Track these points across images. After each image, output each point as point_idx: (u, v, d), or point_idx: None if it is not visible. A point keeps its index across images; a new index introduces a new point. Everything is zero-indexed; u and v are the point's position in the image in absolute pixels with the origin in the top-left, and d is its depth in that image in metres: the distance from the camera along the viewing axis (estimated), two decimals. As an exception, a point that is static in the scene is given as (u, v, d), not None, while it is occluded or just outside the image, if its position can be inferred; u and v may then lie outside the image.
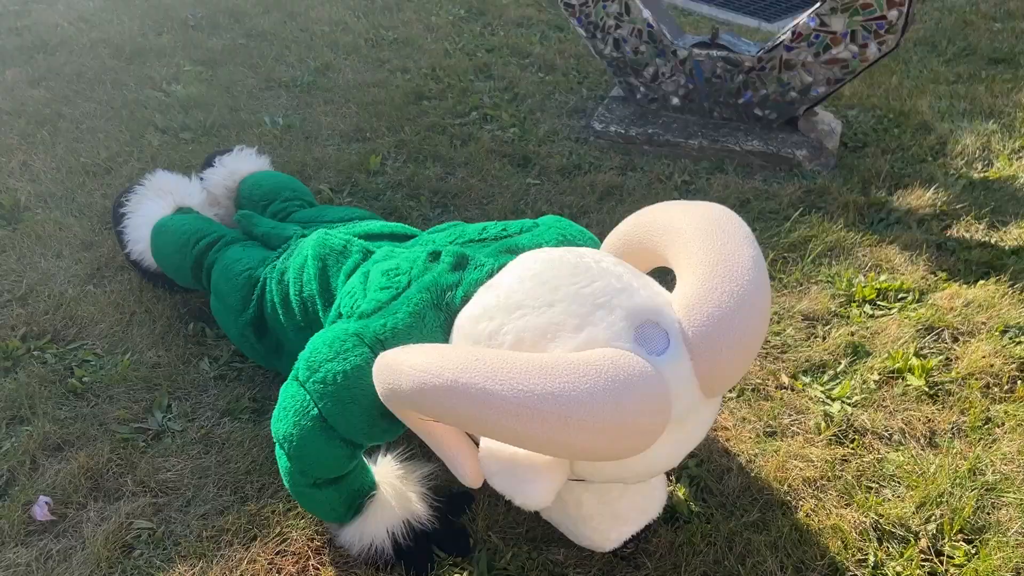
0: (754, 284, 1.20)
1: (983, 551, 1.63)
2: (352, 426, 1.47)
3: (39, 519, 1.76)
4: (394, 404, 1.29)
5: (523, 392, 1.10)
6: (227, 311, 2.05)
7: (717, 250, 1.23)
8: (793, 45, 2.87)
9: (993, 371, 2.05)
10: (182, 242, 2.19)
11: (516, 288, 1.32)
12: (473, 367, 1.14)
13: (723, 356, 1.18)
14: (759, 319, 1.20)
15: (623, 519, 1.57)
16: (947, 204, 2.69)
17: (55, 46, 3.99)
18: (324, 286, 1.78)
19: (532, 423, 1.10)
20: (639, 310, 1.23)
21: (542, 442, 1.12)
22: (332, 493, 1.57)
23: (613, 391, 1.10)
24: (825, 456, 1.85)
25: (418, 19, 4.32)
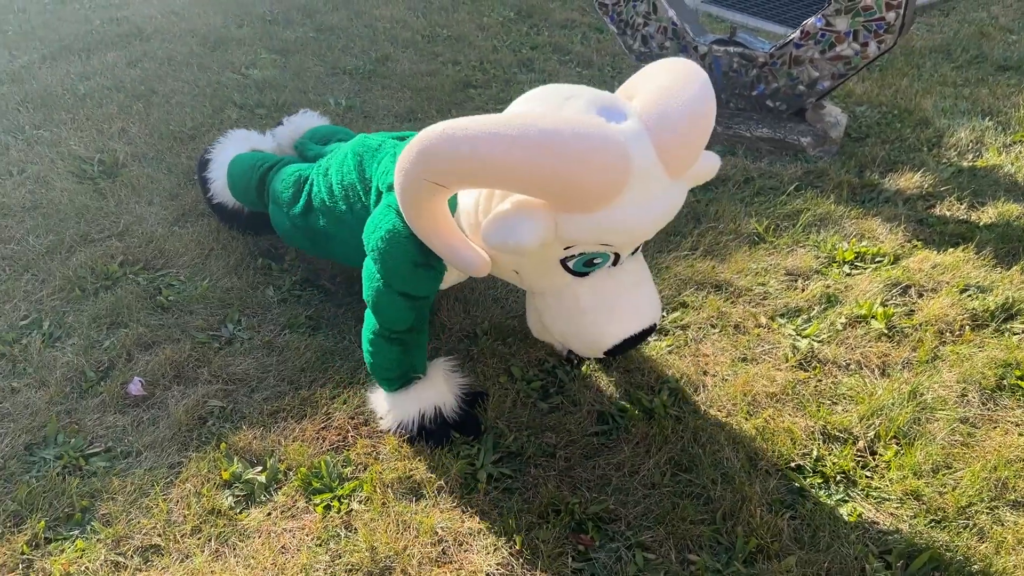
0: (696, 85, 1.52)
1: (909, 451, 1.93)
2: (398, 275, 1.82)
3: (134, 394, 2.17)
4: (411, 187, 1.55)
5: (512, 127, 1.41)
6: (281, 210, 2.40)
7: (669, 72, 1.57)
8: (802, 43, 3.18)
9: (948, 319, 2.33)
10: (249, 166, 2.58)
11: (511, 107, 1.65)
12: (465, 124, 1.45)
13: (673, 129, 1.49)
14: (702, 108, 1.52)
15: (619, 316, 1.73)
16: (933, 187, 2.97)
17: (150, 34, 4.50)
18: (361, 175, 2.11)
19: (518, 148, 1.40)
20: (602, 98, 1.55)
21: (527, 169, 1.41)
22: (398, 351, 1.93)
23: (580, 129, 1.42)
24: (788, 378, 2.16)
25: (471, 19, 4.73)
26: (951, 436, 1.97)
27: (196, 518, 1.82)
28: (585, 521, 1.80)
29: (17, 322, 2.41)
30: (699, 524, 1.78)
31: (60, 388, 2.17)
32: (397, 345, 1.93)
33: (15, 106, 3.67)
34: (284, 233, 2.45)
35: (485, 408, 2.09)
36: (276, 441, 2.02)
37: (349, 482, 1.90)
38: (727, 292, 2.49)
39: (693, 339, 2.32)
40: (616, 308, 1.73)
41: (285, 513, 1.84)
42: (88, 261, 2.64)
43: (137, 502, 1.86)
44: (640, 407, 2.08)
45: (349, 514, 1.83)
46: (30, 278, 2.58)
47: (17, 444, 2.01)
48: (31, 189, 3.04)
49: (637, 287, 1.77)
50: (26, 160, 3.24)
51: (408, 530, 1.78)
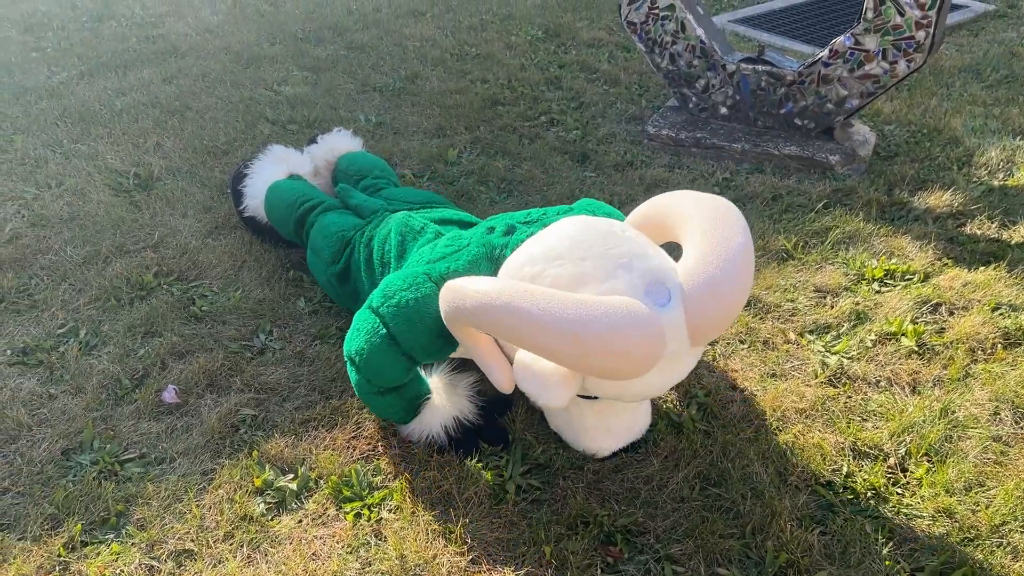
0: (740, 264, 1.59)
1: (941, 468, 1.92)
2: (415, 343, 1.85)
3: (168, 402, 2.20)
4: (453, 320, 1.68)
5: (557, 316, 1.49)
6: (320, 262, 2.48)
7: (716, 234, 1.61)
8: (830, 61, 3.19)
9: (979, 337, 2.32)
10: (290, 201, 2.64)
11: (557, 244, 1.70)
12: (522, 295, 1.53)
13: (708, 315, 1.57)
14: (740, 291, 1.59)
15: (614, 434, 1.96)
16: (963, 205, 2.96)
17: (184, 52, 4.60)
18: (400, 253, 2.18)
19: (559, 340, 1.49)
20: (651, 272, 1.61)
21: (565, 356, 1.51)
22: (394, 399, 1.95)
23: (622, 322, 1.49)
24: (817, 394, 2.16)
25: (499, 38, 4.78)
26: (983, 454, 1.96)
27: (228, 524, 1.84)
28: (614, 533, 1.80)
29: (55, 330, 2.45)
30: (728, 538, 1.78)
31: (96, 395, 2.21)
32: (391, 396, 1.93)
33: (54, 121, 3.75)
34: (319, 281, 2.54)
35: (513, 419, 2.10)
36: (307, 449, 2.04)
37: (379, 491, 1.92)
38: (756, 308, 2.49)
39: (722, 354, 2.32)
40: (612, 429, 1.96)
41: (316, 520, 1.86)
42: (124, 272, 2.69)
43: (171, 507, 1.89)
44: (669, 421, 2.08)
45: (379, 522, 1.84)
46: (67, 287, 2.63)
47: (54, 449, 2.05)
48: (69, 201, 3.11)
49: (635, 411, 1.99)
50: (64, 173, 3.31)
51: (437, 539, 1.80)
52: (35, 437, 2.08)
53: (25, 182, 3.24)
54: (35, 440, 2.07)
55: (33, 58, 4.54)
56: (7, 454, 2.04)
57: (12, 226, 2.95)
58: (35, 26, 5.02)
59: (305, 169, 2.86)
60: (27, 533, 1.83)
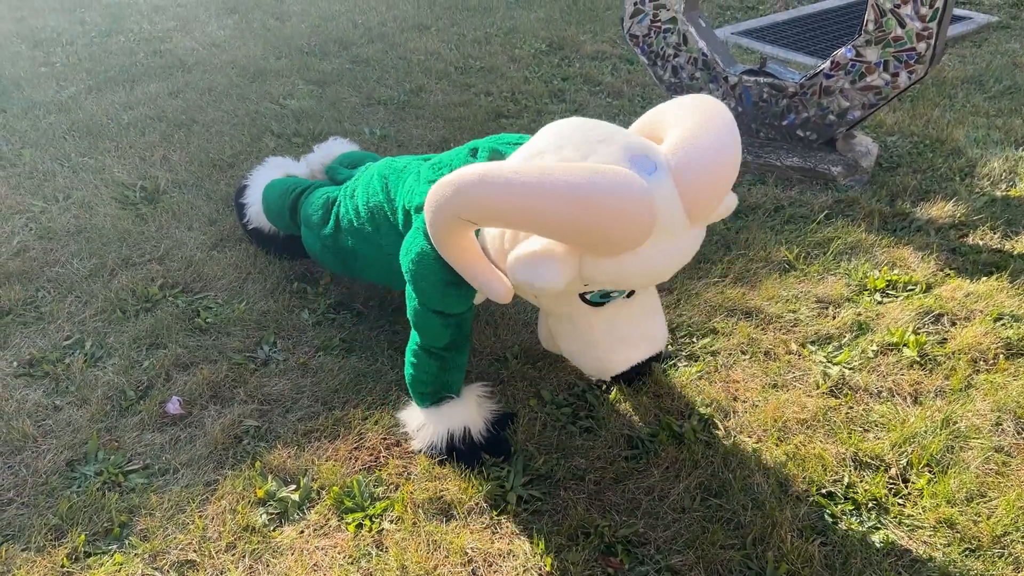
0: (723, 132, 1.56)
1: (943, 479, 1.91)
2: (430, 295, 1.88)
3: (172, 413, 2.22)
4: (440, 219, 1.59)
5: (542, 181, 1.45)
6: (311, 231, 2.47)
7: (697, 114, 1.59)
8: (832, 73, 3.21)
9: (981, 348, 2.31)
10: (283, 191, 2.66)
11: (538, 142, 1.68)
12: (503, 169, 1.49)
13: (698, 182, 1.54)
14: (728, 158, 1.56)
15: (628, 343, 1.85)
16: (966, 216, 2.96)
17: (191, 65, 4.64)
18: (388, 196, 2.17)
19: (548, 203, 1.45)
20: (633, 145, 1.58)
21: (555, 221, 1.46)
22: (435, 367, 1.98)
23: (611, 183, 1.45)
24: (819, 405, 2.16)
25: (503, 51, 4.81)
26: (985, 465, 1.95)
27: (231, 535, 1.85)
28: (615, 544, 1.80)
29: (61, 342, 2.47)
30: (729, 549, 1.78)
31: (101, 406, 2.23)
32: (436, 361, 1.97)
33: (62, 135, 3.79)
34: (315, 254, 2.53)
35: (515, 430, 2.11)
36: (309, 460, 2.05)
37: (381, 501, 1.92)
38: (757, 319, 2.49)
39: (723, 365, 2.32)
40: (626, 337, 1.85)
41: (318, 531, 1.86)
42: (129, 284, 2.71)
43: (174, 518, 1.90)
44: (670, 432, 2.09)
45: (380, 533, 1.85)
46: (74, 300, 2.66)
47: (59, 460, 2.06)
48: (76, 214, 3.14)
49: (647, 317, 1.89)
50: (71, 186, 3.34)
51: (438, 550, 1.80)
52: (40, 448, 2.10)
53: (33, 195, 3.27)
54: (40, 451, 2.09)
55: (42, 73, 4.58)
56: (12, 465, 2.06)
57: (20, 239, 2.98)
58: (44, 41, 5.08)
59: (301, 173, 2.88)
60: (31, 544, 1.84)
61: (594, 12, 5.49)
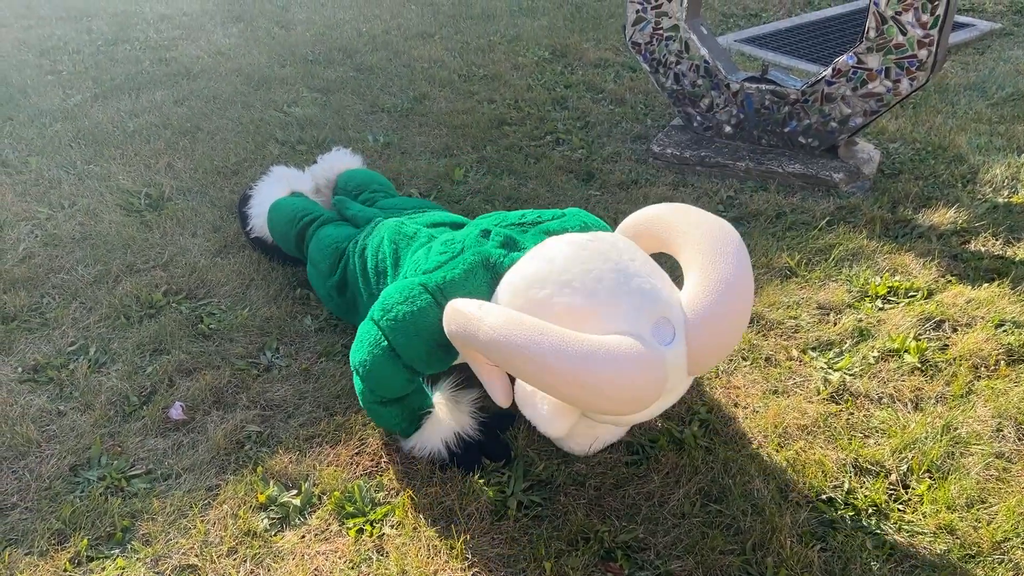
0: (741, 307, 1.63)
1: (943, 485, 1.91)
2: (415, 355, 1.87)
3: (174, 419, 2.23)
4: (462, 344, 1.70)
5: (565, 358, 1.51)
6: (318, 275, 2.52)
7: (717, 264, 1.64)
8: (834, 80, 3.22)
9: (982, 354, 2.31)
10: (290, 217, 2.68)
11: (567, 268, 1.69)
12: (537, 340, 1.54)
13: (709, 353, 1.62)
14: (739, 324, 1.64)
15: (599, 439, 2.03)
16: (968, 223, 2.96)
17: (196, 73, 4.67)
18: (395, 262, 2.21)
19: (567, 384, 1.52)
20: (659, 308, 1.63)
21: (571, 399, 1.55)
22: (396, 410, 1.97)
23: (629, 369, 1.52)
24: (819, 411, 2.16)
25: (506, 59, 4.84)
26: (986, 471, 1.95)
27: (232, 539, 1.86)
28: (615, 549, 1.81)
29: (65, 348, 2.49)
30: (728, 554, 1.78)
31: (104, 412, 2.24)
32: (395, 406, 1.97)
33: (68, 142, 3.82)
34: (318, 294, 2.59)
35: (515, 435, 2.11)
36: (311, 466, 2.06)
37: (381, 507, 1.93)
38: (758, 325, 2.50)
39: (724, 371, 2.33)
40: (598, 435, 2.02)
41: (319, 536, 1.87)
42: (133, 290, 2.73)
43: (176, 523, 1.91)
44: (670, 438, 2.09)
45: (381, 538, 1.86)
46: (78, 306, 2.67)
47: (63, 465, 2.07)
48: (81, 221, 3.16)
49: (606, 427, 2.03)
50: (77, 194, 3.36)
51: (439, 555, 1.81)
52: (44, 453, 2.11)
53: (39, 202, 3.30)
54: (44, 456, 2.10)
55: (48, 81, 4.62)
56: (16, 470, 2.07)
57: (25, 246, 3.00)
58: (51, 50, 5.11)
59: (306, 187, 2.91)
60: (34, 548, 1.85)
61: (597, 20, 5.51)
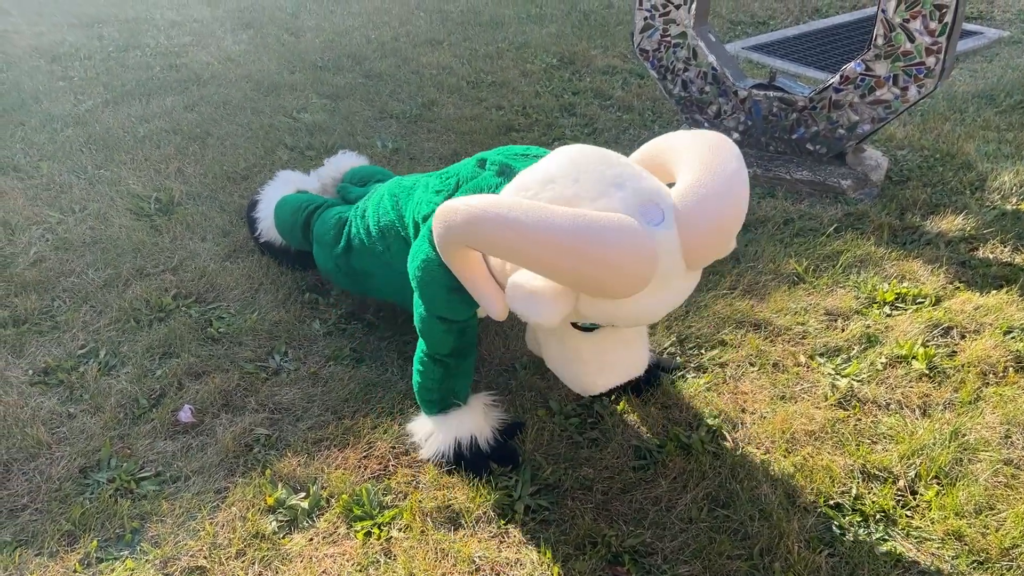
0: (733, 183, 1.58)
1: (951, 491, 1.91)
2: (438, 304, 1.91)
3: (184, 421, 2.24)
4: (445, 242, 1.64)
5: (549, 226, 1.47)
6: (324, 250, 2.52)
7: (709, 159, 1.60)
8: (841, 87, 3.22)
9: (991, 361, 2.31)
10: (295, 208, 2.70)
11: (551, 168, 1.67)
12: (513, 207, 1.51)
13: (701, 233, 1.57)
14: (734, 211, 1.58)
15: (611, 368, 1.88)
16: (976, 229, 2.96)
17: (206, 80, 4.70)
18: (398, 214, 2.20)
19: (554, 250, 1.47)
20: (645, 191, 1.59)
21: (556, 267, 1.49)
22: (441, 373, 2.00)
23: (615, 237, 1.47)
24: (827, 416, 2.16)
25: (515, 65, 4.85)
26: (994, 477, 1.95)
27: (241, 541, 1.87)
28: (622, 554, 1.81)
29: (75, 351, 2.51)
30: (736, 559, 1.78)
31: (114, 414, 2.25)
32: (440, 367, 1.99)
33: (79, 147, 3.84)
34: (326, 272, 2.57)
35: (523, 440, 2.12)
36: (319, 469, 2.06)
37: (389, 510, 1.94)
38: (766, 331, 2.50)
39: (732, 377, 2.33)
40: (610, 363, 1.86)
41: (326, 539, 1.88)
42: (143, 294, 2.75)
43: (185, 525, 1.92)
44: (678, 443, 2.09)
45: (388, 541, 1.86)
46: (88, 309, 2.69)
47: (73, 467, 2.08)
48: (92, 225, 3.18)
49: (632, 345, 1.90)
50: (88, 198, 3.38)
51: (446, 558, 1.81)
52: (54, 455, 2.13)
53: (50, 207, 3.32)
54: (54, 458, 2.12)
55: (60, 87, 4.65)
56: (27, 471, 2.08)
57: (36, 249, 3.02)
58: (63, 56, 5.15)
59: (312, 187, 2.93)
60: (44, 549, 1.87)
61: (605, 27, 5.53)
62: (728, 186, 1.57)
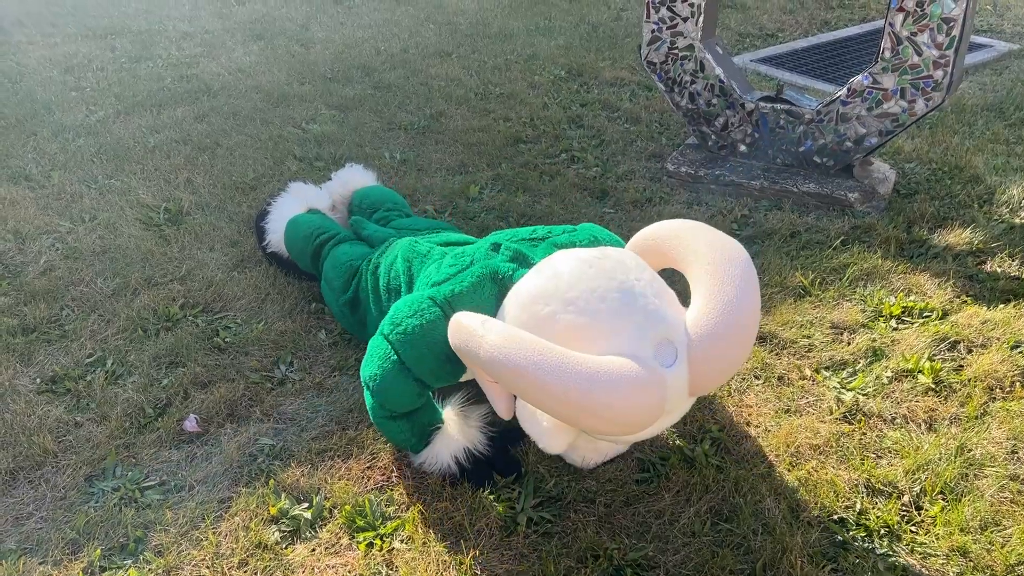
0: (748, 325, 1.62)
1: (957, 507, 1.90)
2: (424, 368, 1.88)
3: (189, 431, 2.25)
4: (464, 357, 1.71)
5: (565, 381, 1.51)
6: (332, 292, 2.56)
7: (727, 293, 1.62)
8: (849, 100, 3.22)
9: (998, 375, 2.30)
10: (306, 234, 2.71)
11: (572, 286, 1.69)
12: (534, 358, 1.54)
13: (711, 375, 1.62)
14: (743, 350, 1.63)
15: (602, 453, 2.04)
16: (984, 243, 2.95)
17: (217, 90, 4.74)
18: (408, 280, 2.23)
19: (565, 405, 1.53)
20: (661, 326, 1.62)
21: (570, 418, 1.56)
22: (405, 425, 1.98)
23: (628, 392, 1.52)
24: (832, 430, 2.15)
25: (523, 77, 4.87)
26: (1000, 493, 1.94)
27: (243, 551, 1.87)
28: (624, 567, 1.80)
29: (83, 359, 2.52)
30: (739, 574, 1.78)
31: (120, 423, 2.27)
32: (402, 421, 1.97)
33: (90, 157, 3.88)
34: (332, 311, 2.61)
35: (526, 451, 2.12)
36: (323, 479, 2.07)
37: (392, 521, 1.94)
38: (771, 344, 2.49)
39: (736, 390, 2.32)
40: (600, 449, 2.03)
41: (329, 549, 1.88)
42: (151, 303, 2.77)
43: (188, 534, 1.93)
44: (681, 456, 2.09)
45: (391, 552, 1.86)
46: (96, 318, 2.71)
47: (78, 475, 2.09)
48: (101, 235, 3.20)
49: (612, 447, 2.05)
50: (98, 208, 3.41)
51: (448, 570, 1.81)
52: (60, 463, 2.14)
53: (60, 216, 3.35)
54: (60, 466, 2.13)
55: (73, 97, 4.69)
56: (33, 479, 2.09)
57: (47, 258, 3.05)
58: (76, 67, 5.20)
59: (323, 204, 2.95)
60: (48, 557, 1.87)
61: (613, 39, 5.55)
62: (745, 328, 1.62)
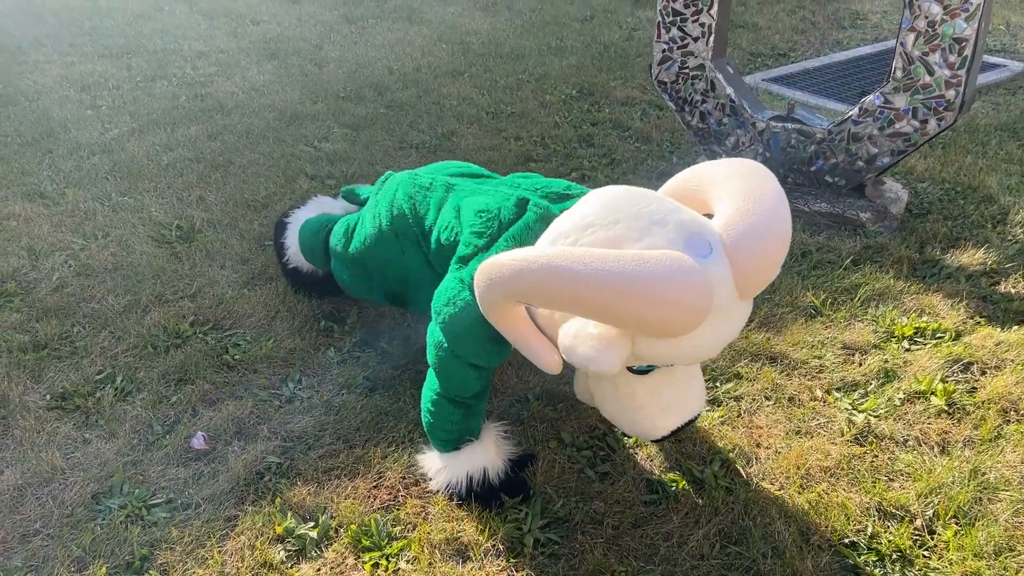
0: (777, 209, 1.56)
1: (970, 531, 1.87)
2: (469, 350, 1.88)
3: (196, 448, 2.25)
4: (490, 299, 1.62)
5: (600, 271, 1.44)
6: (340, 260, 2.50)
7: (747, 185, 1.58)
8: (860, 119, 3.21)
9: (1012, 398, 2.27)
10: (316, 228, 2.69)
11: (588, 212, 1.66)
12: (561, 255, 1.49)
13: (753, 263, 1.53)
14: (782, 236, 1.56)
15: (670, 410, 1.82)
16: (998, 264, 2.92)
17: (230, 109, 4.78)
18: (413, 210, 2.17)
19: (605, 294, 1.44)
20: (687, 224, 1.56)
21: (612, 311, 1.46)
22: (460, 415, 1.96)
23: (668, 274, 1.44)
24: (843, 452, 2.13)
25: (534, 96, 4.89)
26: (1015, 517, 1.91)
27: (249, 571, 1.87)
28: (631, 590, 1.79)
29: (93, 376, 2.53)
30: (748, 598, 1.75)
31: (128, 440, 2.27)
32: (461, 409, 1.96)
33: (104, 175, 3.91)
34: (342, 281, 2.55)
35: (534, 472, 2.10)
36: (329, 498, 2.06)
37: (398, 541, 1.93)
38: (782, 364, 2.47)
39: (747, 410, 2.30)
40: (669, 405, 1.81)
41: (334, 569, 1.87)
42: (161, 320, 2.77)
43: (193, 553, 1.92)
44: (691, 477, 2.07)
45: (396, 572, 1.85)
46: (107, 335, 2.72)
47: (85, 492, 2.09)
48: (113, 252, 3.22)
49: (688, 383, 1.85)
50: (110, 225, 3.43)
51: (454, 591, 1.80)
52: (67, 480, 2.14)
53: (74, 233, 3.37)
54: (67, 483, 2.13)
55: (88, 115, 4.74)
56: (40, 496, 2.10)
57: (59, 275, 3.07)
58: (92, 85, 5.26)
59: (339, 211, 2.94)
60: (54, 575, 1.87)
61: (624, 59, 5.56)
62: (773, 213, 1.55)
